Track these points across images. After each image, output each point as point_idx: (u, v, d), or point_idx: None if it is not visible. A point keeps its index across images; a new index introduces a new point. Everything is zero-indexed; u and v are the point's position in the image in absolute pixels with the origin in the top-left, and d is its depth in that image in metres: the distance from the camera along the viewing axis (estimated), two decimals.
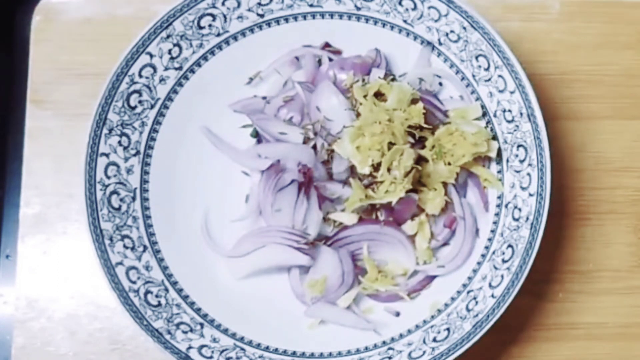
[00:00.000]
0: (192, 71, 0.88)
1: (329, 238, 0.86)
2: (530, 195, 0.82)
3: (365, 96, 0.85)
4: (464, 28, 0.84)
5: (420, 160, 0.85)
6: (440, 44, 0.87)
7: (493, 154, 0.86)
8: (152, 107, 0.86)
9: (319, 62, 0.90)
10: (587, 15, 0.96)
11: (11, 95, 0.94)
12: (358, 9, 0.88)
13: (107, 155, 0.83)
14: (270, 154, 0.87)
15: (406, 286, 0.86)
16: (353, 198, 0.84)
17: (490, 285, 0.81)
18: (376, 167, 0.83)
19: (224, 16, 0.87)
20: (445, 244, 0.87)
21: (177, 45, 0.86)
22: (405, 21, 0.87)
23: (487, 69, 0.85)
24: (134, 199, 0.85)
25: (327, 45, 0.90)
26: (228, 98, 0.90)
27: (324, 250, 0.85)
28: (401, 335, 0.83)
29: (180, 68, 0.87)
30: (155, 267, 0.84)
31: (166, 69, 0.86)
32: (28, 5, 0.94)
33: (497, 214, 0.85)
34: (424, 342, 0.81)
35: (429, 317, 0.83)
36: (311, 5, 0.88)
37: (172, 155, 0.87)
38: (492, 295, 0.80)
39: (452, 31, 0.86)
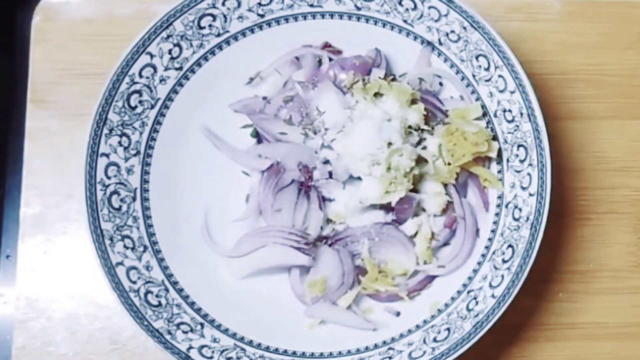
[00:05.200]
0: (193, 71, 0.88)
1: (329, 238, 0.86)
2: (531, 195, 0.82)
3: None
4: (464, 28, 0.84)
5: (420, 160, 0.85)
6: (440, 44, 0.87)
7: (493, 154, 0.86)
8: (153, 107, 0.86)
9: (319, 62, 0.90)
10: (588, 15, 0.96)
11: (11, 95, 0.94)
12: (358, 9, 0.88)
13: (107, 155, 0.83)
14: (271, 154, 0.87)
15: (406, 286, 0.86)
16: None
17: (490, 285, 0.81)
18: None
19: (224, 16, 0.87)
20: (446, 244, 0.87)
21: (178, 45, 0.86)
22: (405, 21, 0.87)
23: (487, 69, 0.85)
24: (134, 199, 0.85)
25: (327, 45, 0.90)
26: (228, 98, 0.90)
27: (324, 250, 0.85)
28: (401, 335, 0.83)
29: (180, 68, 0.87)
30: (156, 267, 0.84)
31: (166, 69, 0.86)
32: (28, 5, 0.94)
33: (497, 214, 0.85)
34: (424, 342, 0.81)
35: (429, 317, 0.84)
36: (311, 5, 0.88)
37: (173, 155, 0.87)
38: (493, 295, 0.80)
39: (452, 31, 0.86)
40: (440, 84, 0.89)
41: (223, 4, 0.86)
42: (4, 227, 0.92)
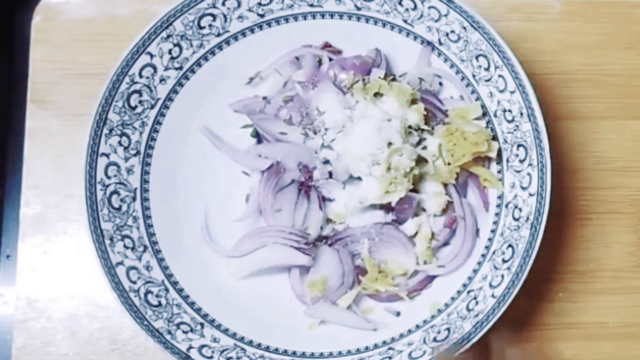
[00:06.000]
0: (193, 71, 0.88)
1: (329, 238, 0.86)
2: (531, 195, 0.82)
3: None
4: (464, 28, 0.84)
5: (420, 160, 0.85)
6: (440, 43, 0.87)
7: (493, 154, 0.86)
8: (153, 107, 0.86)
9: (319, 62, 0.90)
10: (587, 15, 0.96)
11: (11, 95, 0.94)
12: (358, 9, 0.88)
13: (107, 155, 0.83)
14: (271, 154, 0.87)
15: (406, 286, 0.86)
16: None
17: (490, 285, 0.81)
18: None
19: (224, 16, 0.87)
20: (446, 244, 0.87)
21: (178, 45, 0.86)
22: (405, 21, 0.87)
23: (487, 69, 0.85)
24: (134, 199, 0.85)
25: (327, 45, 0.90)
26: (228, 98, 0.90)
27: (324, 250, 0.85)
28: (401, 335, 0.83)
29: (180, 68, 0.87)
30: (156, 267, 0.84)
31: (166, 69, 0.86)
32: (28, 5, 0.94)
33: (497, 214, 0.85)
34: (424, 342, 0.81)
35: (429, 317, 0.84)
36: (311, 5, 0.88)
37: (173, 155, 0.87)
38: (493, 295, 0.80)
39: (452, 31, 0.86)
40: (440, 84, 0.89)
41: (223, 4, 0.86)
42: (4, 227, 0.92)
